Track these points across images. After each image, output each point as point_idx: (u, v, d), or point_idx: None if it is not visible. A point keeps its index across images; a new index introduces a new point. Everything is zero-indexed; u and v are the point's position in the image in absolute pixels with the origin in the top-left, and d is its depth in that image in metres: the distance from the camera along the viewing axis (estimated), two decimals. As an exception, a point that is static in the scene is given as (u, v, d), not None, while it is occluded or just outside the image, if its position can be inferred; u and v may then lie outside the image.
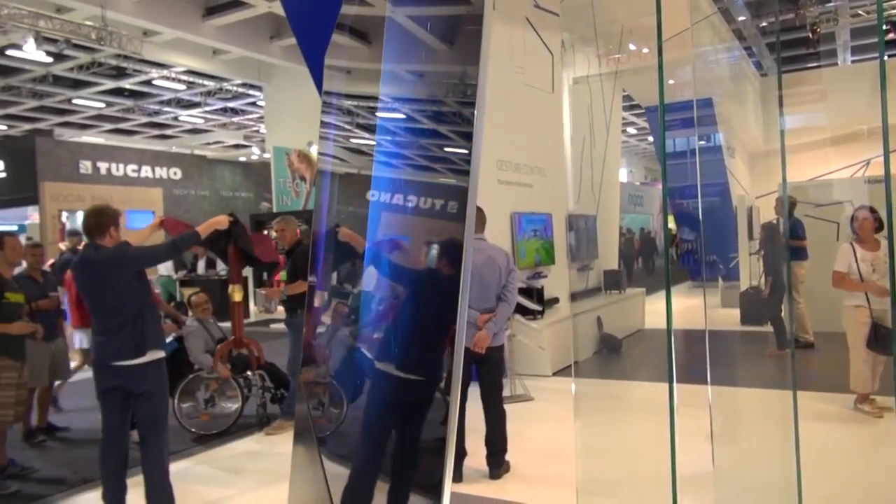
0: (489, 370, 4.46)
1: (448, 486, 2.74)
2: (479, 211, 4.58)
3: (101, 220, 3.86)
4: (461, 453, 4.38)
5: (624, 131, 26.55)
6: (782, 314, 7.50)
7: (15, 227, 17.53)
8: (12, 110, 21.25)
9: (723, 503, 3.37)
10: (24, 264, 5.56)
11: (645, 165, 37.50)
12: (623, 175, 31.44)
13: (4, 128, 23.25)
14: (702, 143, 13.75)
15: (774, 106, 4.01)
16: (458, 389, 2.82)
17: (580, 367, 7.91)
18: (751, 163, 14.58)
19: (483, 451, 4.45)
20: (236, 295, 5.77)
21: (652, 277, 19.58)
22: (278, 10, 12.97)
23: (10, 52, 15.09)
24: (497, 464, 4.42)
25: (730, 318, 10.04)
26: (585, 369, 7.88)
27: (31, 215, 17.90)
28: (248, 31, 15.60)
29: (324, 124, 3.62)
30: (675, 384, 2.62)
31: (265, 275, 12.68)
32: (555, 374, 7.33)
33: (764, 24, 14.42)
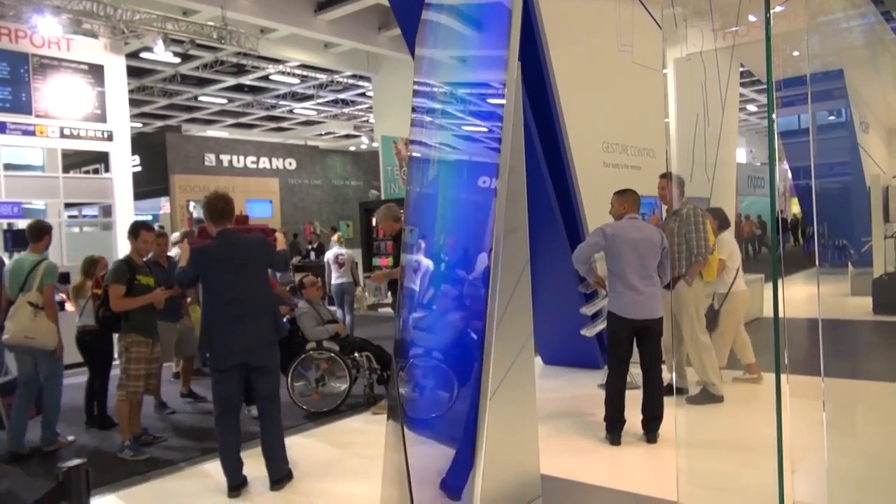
0: (650, 340, 4.58)
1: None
2: (634, 193, 4.79)
3: (230, 204, 4.07)
4: (619, 418, 4.56)
5: (743, 109, 25.04)
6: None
7: (150, 217, 18.99)
8: (146, 109, 22.99)
9: (836, 499, 3.15)
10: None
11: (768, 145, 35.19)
12: (742, 155, 29.64)
13: (140, 125, 25.15)
14: (830, 118, 12.72)
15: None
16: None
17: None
18: (888, 139, 13.36)
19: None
20: None
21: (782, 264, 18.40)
22: (385, 0, 13.22)
23: (143, 55, 16.29)
24: (654, 428, 4.55)
25: (861, 307, 9.29)
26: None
27: (164, 205, 19.33)
28: (357, 23, 16.01)
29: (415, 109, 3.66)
30: (783, 375, 2.47)
31: (374, 260, 13.11)
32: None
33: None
